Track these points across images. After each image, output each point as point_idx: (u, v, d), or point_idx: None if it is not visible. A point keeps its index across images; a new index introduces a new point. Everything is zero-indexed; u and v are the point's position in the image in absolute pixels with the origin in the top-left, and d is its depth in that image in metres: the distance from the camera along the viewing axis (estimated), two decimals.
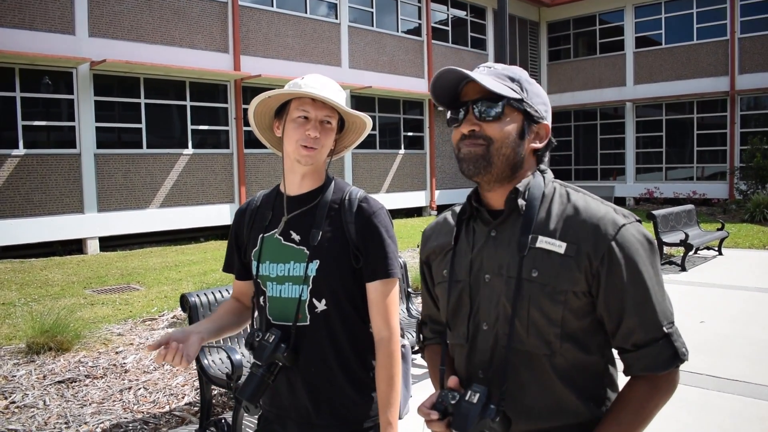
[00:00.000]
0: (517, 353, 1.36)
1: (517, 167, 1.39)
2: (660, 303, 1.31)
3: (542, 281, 1.33)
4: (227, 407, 4.48)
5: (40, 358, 5.45)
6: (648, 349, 1.30)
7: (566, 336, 1.34)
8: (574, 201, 1.37)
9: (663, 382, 1.32)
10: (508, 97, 1.35)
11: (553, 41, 25.56)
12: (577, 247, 1.31)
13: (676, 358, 1.30)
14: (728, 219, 16.13)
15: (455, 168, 21.45)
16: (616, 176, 23.62)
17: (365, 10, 18.78)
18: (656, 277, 1.33)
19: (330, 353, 1.79)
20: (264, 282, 1.85)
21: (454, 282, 1.47)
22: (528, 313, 1.34)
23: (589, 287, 1.32)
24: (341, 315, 1.80)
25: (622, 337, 1.33)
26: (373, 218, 1.80)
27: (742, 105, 20.89)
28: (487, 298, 1.40)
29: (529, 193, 1.38)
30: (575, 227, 1.33)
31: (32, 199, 12.11)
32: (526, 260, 1.34)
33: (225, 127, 15.32)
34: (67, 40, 12.49)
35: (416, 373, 5.22)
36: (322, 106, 1.77)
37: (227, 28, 15.13)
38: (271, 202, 1.91)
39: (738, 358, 5.33)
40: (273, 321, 1.83)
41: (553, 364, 1.35)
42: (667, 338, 1.30)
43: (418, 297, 7.75)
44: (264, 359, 1.74)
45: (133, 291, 8.62)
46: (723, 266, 10.14)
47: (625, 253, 1.30)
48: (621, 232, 1.31)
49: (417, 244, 12.82)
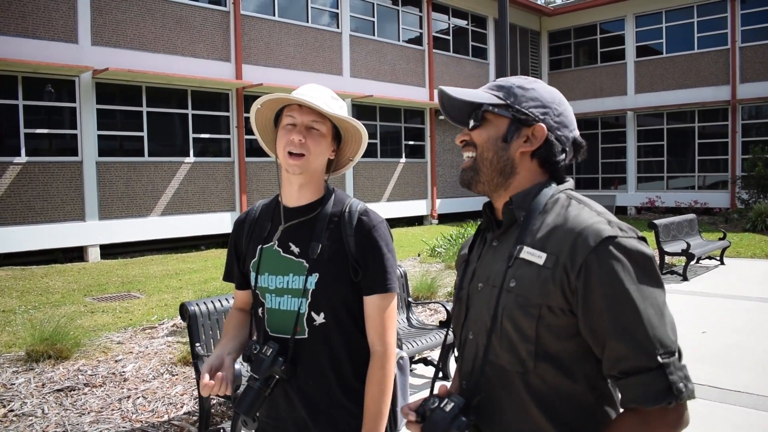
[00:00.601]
0: (492, 367, 1.32)
1: (507, 172, 1.36)
2: (655, 328, 1.16)
3: (518, 292, 1.27)
4: (226, 417, 4.45)
5: (39, 366, 5.43)
6: (636, 378, 1.15)
7: (543, 356, 1.25)
8: (569, 211, 1.30)
9: (655, 420, 1.17)
10: (485, 104, 1.37)
11: (554, 50, 25.63)
12: (556, 258, 1.23)
13: (669, 393, 1.13)
14: (730, 228, 16.11)
15: (456, 177, 21.44)
16: (617, 185, 23.61)
17: (366, 20, 18.84)
18: (651, 298, 1.18)
19: (328, 366, 1.78)
20: (263, 294, 1.84)
21: (460, 290, 1.48)
22: (501, 325, 1.29)
23: (569, 304, 1.22)
24: (340, 328, 1.78)
25: (609, 364, 1.19)
26: (373, 232, 1.79)
27: (743, 114, 20.90)
28: (476, 308, 1.39)
29: (531, 203, 1.34)
30: (558, 237, 1.26)
31: (34, 207, 12.11)
32: (510, 270, 1.30)
33: (226, 135, 15.34)
34: (70, 49, 12.53)
35: (415, 383, 5.20)
36: (308, 111, 1.75)
37: (229, 37, 15.18)
38: (270, 213, 1.89)
39: (741, 369, 5.30)
40: (271, 333, 1.82)
41: (528, 384, 1.27)
42: (661, 369, 1.14)
43: (418, 307, 7.74)
44: (261, 372, 1.71)
45: (134, 299, 8.61)
46: (725, 276, 10.11)
47: (607, 267, 1.18)
48: (604, 244, 1.19)
49: (418, 253, 12.82)
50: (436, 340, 5.12)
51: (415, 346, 4.89)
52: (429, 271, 10.09)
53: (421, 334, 5.14)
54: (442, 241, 12.57)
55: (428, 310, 7.79)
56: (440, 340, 5.17)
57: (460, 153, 22.68)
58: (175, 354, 5.79)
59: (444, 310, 5.54)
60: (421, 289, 8.03)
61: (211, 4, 14.96)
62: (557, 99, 1.40)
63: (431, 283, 8.16)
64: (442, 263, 11.24)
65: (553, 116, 1.37)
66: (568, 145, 1.39)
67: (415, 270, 10.46)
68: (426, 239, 13.96)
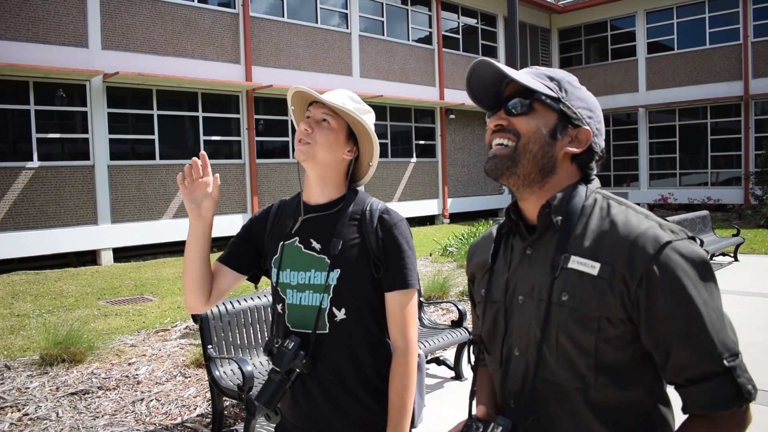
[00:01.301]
0: (547, 384, 1.25)
1: (546, 170, 1.28)
2: (718, 332, 1.13)
3: (572, 306, 1.20)
4: (239, 419, 4.45)
5: (53, 369, 5.46)
6: (704, 385, 1.12)
7: (603, 369, 1.20)
8: (614, 215, 1.23)
9: (725, 423, 1.14)
10: (540, 92, 1.27)
11: (564, 48, 25.51)
12: (612, 268, 1.17)
13: (739, 396, 1.11)
14: (744, 225, 15.98)
15: (468, 176, 21.42)
16: (629, 182, 23.47)
17: (376, 20, 18.83)
18: (712, 301, 1.15)
19: (347, 362, 1.80)
20: (284, 290, 1.86)
21: (490, 303, 1.38)
22: (557, 341, 1.22)
23: (628, 314, 1.17)
24: (360, 324, 1.81)
25: (673, 372, 1.16)
26: (394, 229, 1.82)
27: (756, 109, 20.70)
28: (520, 322, 1.30)
29: (568, 206, 1.26)
30: (610, 245, 1.19)
31: (46, 211, 12.19)
32: (557, 282, 1.22)
33: (237, 137, 15.38)
34: (81, 53, 12.60)
35: (428, 383, 5.18)
36: (321, 107, 1.84)
37: (239, 39, 15.22)
38: (292, 210, 1.93)
39: (759, 366, 5.23)
40: (292, 328, 1.84)
41: (588, 400, 1.21)
42: (729, 373, 1.11)
43: (431, 306, 7.72)
44: (283, 365, 1.75)
45: (147, 302, 8.64)
46: (739, 272, 10.01)
47: (669, 274, 1.13)
48: (664, 251, 1.14)
49: (430, 252, 12.79)
50: (449, 339, 5.10)
51: (427, 346, 4.87)
52: (441, 270, 10.06)
53: (433, 334, 5.12)
54: (454, 241, 12.53)
55: (440, 309, 7.76)
56: (453, 340, 5.15)
57: (470, 152, 22.60)
58: (187, 356, 5.80)
59: (456, 309, 5.51)
60: (433, 288, 8.01)
61: (220, 6, 15.00)
62: (598, 106, 1.36)
63: (443, 283, 8.13)
64: (454, 262, 11.21)
65: (595, 122, 1.33)
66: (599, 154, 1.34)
67: (427, 269, 10.44)
68: (438, 239, 13.93)
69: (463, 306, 5.50)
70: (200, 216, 1.83)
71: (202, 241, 1.86)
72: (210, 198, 1.83)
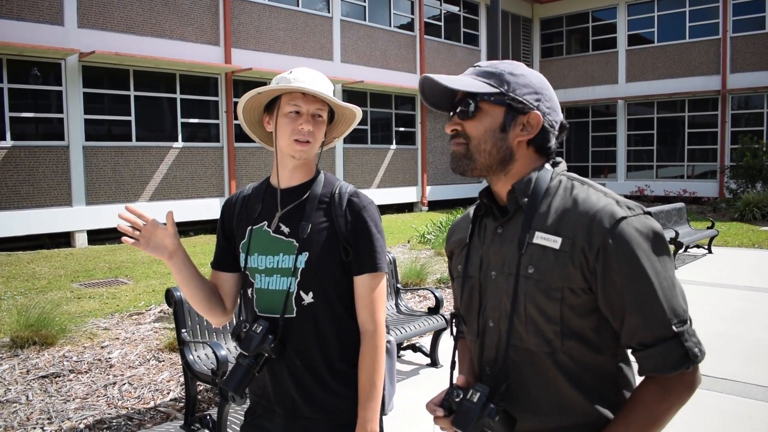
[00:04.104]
0: (518, 351, 1.36)
1: (506, 160, 1.38)
2: (669, 300, 1.24)
3: (538, 277, 1.31)
4: (213, 403, 4.42)
5: (24, 352, 5.38)
6: (655, 349, 1.25)
7: (568, 334, 1.30)
8: (575, 194, 1.34)
9: (674, 384, 1.27)
10: (480, 93, 1.35)
11: (545, 38, 25.55)
12: (572, 242, 1.28)
13: (686, 359, 1.24)
14: (718, 217, 16.19)
15: (446, 164, 21.43)
16: (607, 174, 23.67)
17: (358, 4, 18.69)
18: (664, 271, 1.26)
19: (315, 346, 1.80)
20: (252, 274, 1.85)
21: (467, 278, 1.49)
22: (525, 311, 1.33)
23: (588, 284, 1.28)
24: (328, 308, 1.80)
25: (628, 336, 1.28)
26: (363, 212, 1.82)
27: (733, 104, 20.95)
28: (493, 296, 1.41)
29: (533, 188, 1.36)
30: (571, 221, 1.30)
31: (20, 192, 11.98)
32: (524, 257, 1.33)
33: (215, 120, 15.22)
34: (56, 31, 12.34)
35: (404, 369, 5.18)
36: (313, 100, 1.79)
37: (218, 21, 15.01)
38: (261, 195, 1.91)
39: (728, 357, 5.32)
40: (260, 313, 1.83)
41: (557, 362, 1.32)
42: (677, 338, 1.24)
43: (407, 293, 7.73)
44: (251, 350, 1.74)
45: (121, 285, 8.54)
46: (713, 264, 10.15)
47: (624, 247, 1.24)
48: (620, 225, 1.25)
49: (408, 240, 12.80)
50: (425, 326, 5.10)
51: (404, 332, 4.86)
52: (418, 257, 10.07)
53: (409, 321, 5.12)
54: (432, 228, 12.55)
55: (417, 296, 7.77)
56: (429, 327, 5.15)
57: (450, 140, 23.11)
58: (161, 340, 5.75)
59: (433, 296, 5.51)
60: (410, 275, 8.01)
61: None
62: (545, 84, 1.42)
63: (420, 270, 8.14)
64: (431, 250, 11.22)
65: (545, 102, 1.39)
66: (557, 128, 1.42)
67: (405, 257, 10.44)
68: (416, 226, 13.94)
69: (440, 293, 5.50)
70: (171, 255, 1.81)
71: (186, 271, 1.84)
72: (169, 235, 1.79)
